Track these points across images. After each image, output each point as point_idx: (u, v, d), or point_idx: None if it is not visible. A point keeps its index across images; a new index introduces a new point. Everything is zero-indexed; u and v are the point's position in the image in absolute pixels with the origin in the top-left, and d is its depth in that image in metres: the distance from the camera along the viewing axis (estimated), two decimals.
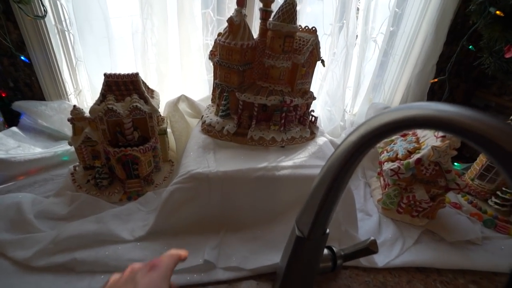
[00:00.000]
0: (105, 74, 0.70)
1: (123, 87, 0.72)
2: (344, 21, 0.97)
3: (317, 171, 0.71)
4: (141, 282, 0.30)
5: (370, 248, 0.49)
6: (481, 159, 0.89)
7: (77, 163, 0.81)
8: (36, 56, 0.86)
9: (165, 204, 0.63)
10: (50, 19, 0.84)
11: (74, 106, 0.73)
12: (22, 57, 0.84)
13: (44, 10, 0.79)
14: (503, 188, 0.84)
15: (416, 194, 0.75)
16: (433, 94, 1.19)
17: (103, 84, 0.70)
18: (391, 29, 1.06)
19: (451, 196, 0.91)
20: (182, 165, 0.68)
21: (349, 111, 1.19)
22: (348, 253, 0.54)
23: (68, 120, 0.74)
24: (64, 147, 0.86)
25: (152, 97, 0.78)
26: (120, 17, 0.90)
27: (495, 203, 0.84)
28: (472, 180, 0.91)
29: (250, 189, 0.65)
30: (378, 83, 1.17)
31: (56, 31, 0.88)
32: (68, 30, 0.89)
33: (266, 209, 0.68)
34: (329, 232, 0.46)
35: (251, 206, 0.67)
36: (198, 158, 0.68)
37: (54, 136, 0.93)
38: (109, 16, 0.86)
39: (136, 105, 0.70)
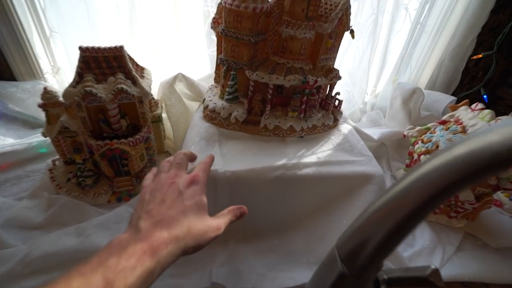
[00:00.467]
0: (80, 48, 0.55)
1: (104, 64, 0.57)
2: None
3: (344, 168, 0.59)
4: (186, 192, 0.33)
5: (431, 279, 0.37)
6: None
7: (57, 156, 0.68)
8: None
9: None
10: None
11: (45, 88, 0.59)
12: None
13: None
14: None
15: (460, 194, 0.63)
16: (467, 73, 1.04)
17: (79, 61, 0.56)
18: None
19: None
20: None
21: (371, 92, 1.05)
22: (395, 277, 0.42)
23: (39, 106, 0.60)
24: (41, 137, 0.73)
25: (142, 77, 0.63)
26: None
27: None
28: None
29: (266, 191, 0.53)
30: (407, 59, 1.01)
31: None
32: None
33: (284, 214, 0.56)
34: None
35: (266, 211, 0.56)
36: (200, 154, 0.54)
37: (29, 123, 0.79)
38: None
39: (122, 87, 0.56)
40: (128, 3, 0.73)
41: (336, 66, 0.90)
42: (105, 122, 0.61)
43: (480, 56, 0.89)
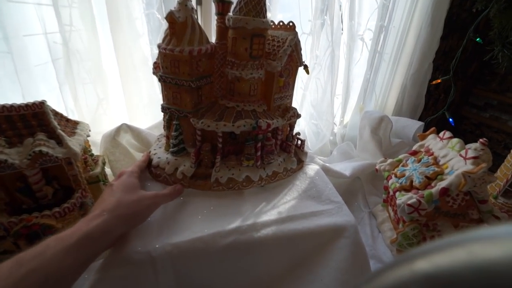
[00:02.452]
0: None
1: (20, 124, 0.49)
2: (326, 17, 0.80)
3: (311, 222, 0.49)
4: (114, 184, 0.44)
5: None
6: (505, 173, 0.73)
7: None
8: None
9: None
10: None
11: None
12: None
13: None
14: None
15: (443, 232, 0.57)
16: (429, 96, 1.04)
17: None
18: (380, 23, 0.90)
19: None
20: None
21: (339, 123, 1.01)
22: None
23: None
24: None
25: (73, 133, 0.55)
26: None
27: None
28: (495, 198, 0.75)
29: (219, 263, 0.44)
30: (368, 88, 1.00)
31: None
32: None
33: (246, 285, 0.47)
34: None
35: (224, 285, 0.46)
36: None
37: None
38: (11, 15, 0.62)
39: (41, 150, 0.47)
40: (63, 52, 0.66)
41: (299, 100, 0.86)
42: (26, 191, 0.51)
43: (439, 81, 0.89)
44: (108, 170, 0.66)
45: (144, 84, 0.75)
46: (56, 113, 0.54)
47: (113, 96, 0.75)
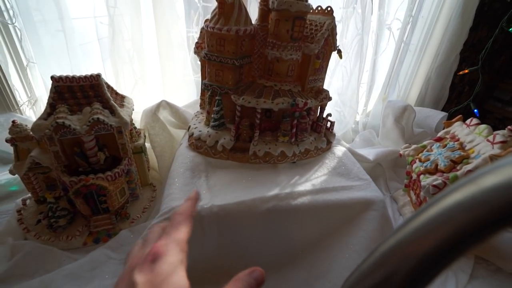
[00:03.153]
0: (52, 78, 0.51)
1: (79, 94, 0.54)
2: (356, 5, 0.81)
3: (342, 194, 0.54)
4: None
5: None
6: None
7: (29, 195, 0.62)
8: None
9: None
10: None
11: (13, 121, 0.54)
12: None
13: None
14: None
15: None
16: (453, 88, 1.05)
17: (51, 91, 0.52)
18: (409, 13, 0.90)
19: None
20: (165, 196, 0.50)
21: (362, 111, 1.03)
22: None
23: (7, 140, 0.55)
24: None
25: (122, 105, 0.60)
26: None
27: None
28: None
29: (258, 226, 0.48)
30: (395, 77, 1.02)
31: None
32: (12, 23, 0.70)
33: (280, 250, 0.51)
34: None
35: (259, 247, 0.50)
36: (186, 187, 0.50)
37: (1, 159, 0.73)
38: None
39: (98, 118, 0.52)
40: (109, 32, 0.71)
41: (325, 86, 0.89)
42: (82, 156, 0.56)
43: (467, 71, 0.89)
44: (147, 144, 0.71)
45: (180, 64, 0.79)
46: (108, 86, 0.58)
47: (150, 75, 0.79)
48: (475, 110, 0.91)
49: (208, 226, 0.45)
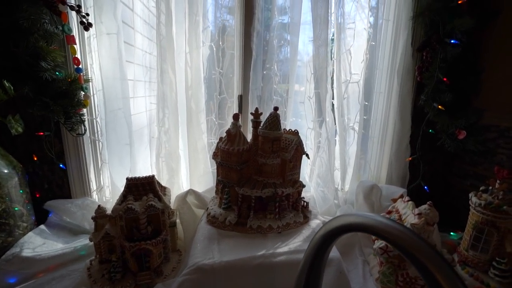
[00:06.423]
0: (127, 179, 0.85)
1: (141, 188, 0.86)
2: (323, 117, 1.18)
3: None
4: None
5: None
6: (468, 230, 0.95)
7: (93, 257, 0.89)
8: (71, 162, 1.04)
9: None
10: (86, 133, 1.06)
11: (99, 206, 0.86)
12: (61, 165, 1.02)
13: (84, 130, 1.01)
14: (497, 258, 0.87)
15: (409, 271, 0.80)
16: (415, 168, 1.32)
17: (125, 187, 0.85)
18: (365, 117, 1.27)
19: None
20: (190, 256, 0.77)
21: (341, 189, 1.30)
22: None
23: (92, 218, 0.86)
24: (83, 242, 0.96)
25: (165, 194, 0.91)
26: (139, 113, 1.12)
27: (495, 274, 0.85)
28: (467, 251, 0.95)
29: (251, 276, 0.72)
30: (363, 163, 1.32)
31: (89, 141, 1.08)
32: (98, 140, 1.10)
33: None
34: None
35: None
36: (204, 249, 0.76)
37: (74, 231, 1.03)
38: (132, 122, 1.07)
39: (151, 203, 0.83)
40: (157, 143, 1.09)
41: (308, 173, 1.20)
42: (136, 228, 0.85)
43: (410, 159, 1.19)
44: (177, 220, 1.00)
45: (202, 162, 1.13)
46: (157, 182, 0.91)
47: (182, 170, 1.14)
48: (425, 187, 1.17)
49: (218, 274, 0.70)
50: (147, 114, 1.17)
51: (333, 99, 1.20)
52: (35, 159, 1.01)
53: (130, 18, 1.08)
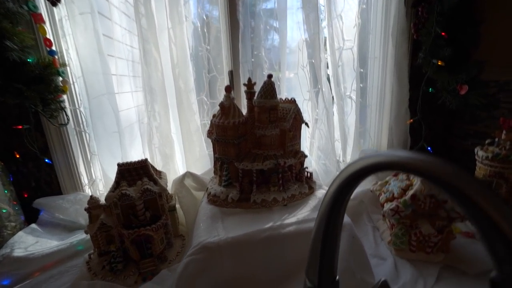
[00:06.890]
0: (118, 164, 0.79)
1: (134, 173, 0.81)
2: (319, 86, 1.13)
3: None
4: None
5: None
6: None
7: (92, 251, 0.84)
8: (57, 157, 0.97)
9: (180, 279, 0.64)
10: (70, 124, 0.99)
11: (91, 196, 0.80)
12: (46, 160, 0.96)
13: (67, 119, 0.94)
14: None
15: (422, 229, 0.77)
16: (415, 131, 1.29)
17: (117, 173, 0.79)
18: (361, 85, 1.22)
19: (461, 226, 0.91)
20: (194, 236, 0.72)
21: (343, 161, 1.27)
22: None
23: (85, 209, 0.80)
24: (79, 237, 0.90)
25: (160, 178, 0.86)
26: (127, 109, 1.06)
27: None
28: None
29: (260, 250, 0.68)
30: (363, 132, 1.29)
31: (75, 133, 1.01)
32: (84, 131, 1.03)
33: (278, 268, 0.69)
34: (343, 281, 0.48)
35: (263, 267, 0.69)
36: (208, 228, 0.72)
37: (69, 227, 0.97)
38: (118, 110, 1.00)
39: (147, 187, 0.78)
40: (147, 127, 1.03)
41: (308, 146, 1.16)
42: (134, 215, 0.80)
43: (412, 121, 1.16)
44: (177, 205, 0.95)
45: (197, 144, 1.08)
46: (151, 165, 0.86)
47: (176, 153, 1.09)
48: (429, 148, 1.14)
49: (226, 252, 0.66)
50: (133, 97, 1.10)
51: (327, 67, 1.15)
52: (17, 156, 0.94)
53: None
